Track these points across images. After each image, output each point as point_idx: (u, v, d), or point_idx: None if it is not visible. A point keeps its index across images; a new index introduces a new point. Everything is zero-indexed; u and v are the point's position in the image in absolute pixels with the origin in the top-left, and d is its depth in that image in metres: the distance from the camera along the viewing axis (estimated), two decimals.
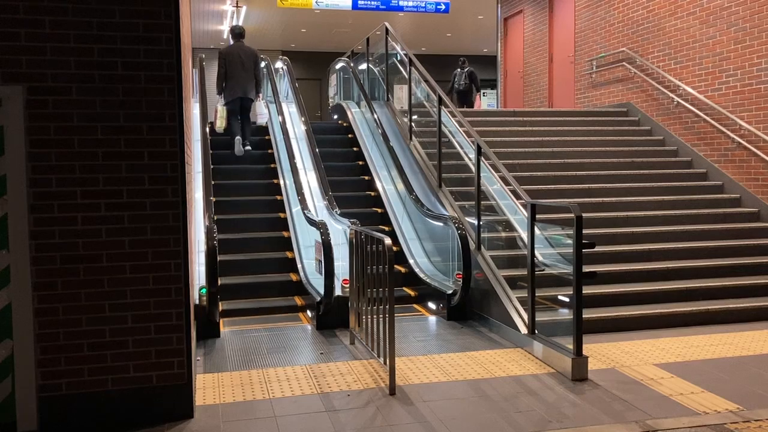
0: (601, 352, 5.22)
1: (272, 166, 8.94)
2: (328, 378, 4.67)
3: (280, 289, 6.96)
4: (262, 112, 9.34)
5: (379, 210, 8.22)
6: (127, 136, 3.82)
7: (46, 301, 3.72)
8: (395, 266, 6.70)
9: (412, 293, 7.00)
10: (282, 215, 8.01)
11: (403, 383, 4.55)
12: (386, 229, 7.86)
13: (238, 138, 8.87)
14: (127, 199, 3.82)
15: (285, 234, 7.69)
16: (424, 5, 15.12)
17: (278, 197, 8.30)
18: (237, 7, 16.23)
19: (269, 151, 9.26)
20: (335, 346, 5.47)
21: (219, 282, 5.80)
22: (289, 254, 7.40)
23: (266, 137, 9.59)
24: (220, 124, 8.94)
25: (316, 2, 14.47)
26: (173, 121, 3.90)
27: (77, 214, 3.75)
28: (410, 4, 15.03)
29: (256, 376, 4.72)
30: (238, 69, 8.94)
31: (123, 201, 3.81)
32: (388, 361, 4.42)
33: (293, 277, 7.06)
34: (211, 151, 8.07)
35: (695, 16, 8.63)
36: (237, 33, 9.31)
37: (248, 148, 8.97)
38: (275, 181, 8.62)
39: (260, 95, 9.26)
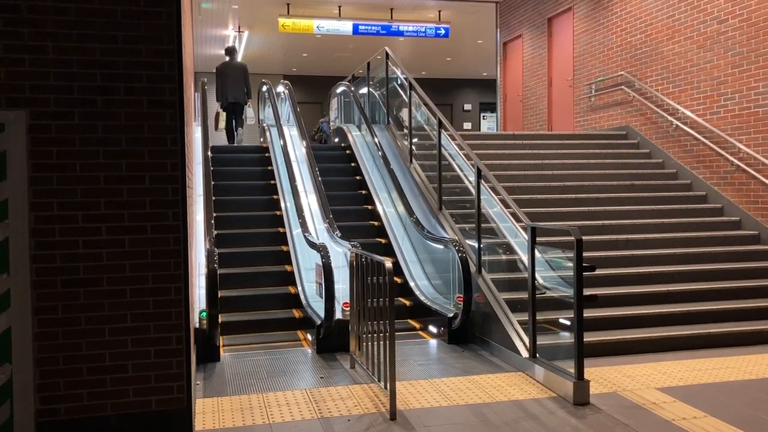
0: (602, 375, 5.19)
1: (275, 197, 8.80)
2: (328, 402, 4.64)
3: (281, 300, 6.99)
4: (249, 115, 12.09)
5: (377, 225, 8.26)
6: (128, 160, 3.84)
7: (46, 325, 3.71)
8: (395, 292, 6.66)
9: (413, 318, 6.98)
10: (284, 248, 7.89)
11: (404, 408, 4.52)
12: (383, 241, 7.86)
13: (233, 135, 11.74)
14: (128, 223, 3.84)
15: (288, 268, 7.58)
16: (424, 30, 15.26)
17: (281, 229, 8.19)
18: (239, 32, 16.40)
19: (272, 182, 9.16)
20: (335, 370, 5.44)
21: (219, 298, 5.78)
22: (288, 267, 7.40)
23: (269, 168, 9.52)
24: (222, 126, 11.49)
25: (317, 27, 14.61)
26: (175, 145, 3.92)
27: (78, 238, 3.76)
28: (410, 29, 15.17)
29: (256, 400, 4.69)
30: (230, 80, 11.49)
31: (124, 225, 3.83)
32: (388, 385, 4.40)
33: (291, 289, 7.05)
34: (213, 182, 8.01)
35: (692, 40, 8.72)
36: (228, 51, 12.00)
37: (240, 138, 11.82)
38: (278, 213, 8.49)
39: (249, 101, 11.77)
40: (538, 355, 5.23)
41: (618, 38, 10.31)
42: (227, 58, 11.85)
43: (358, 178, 9.27)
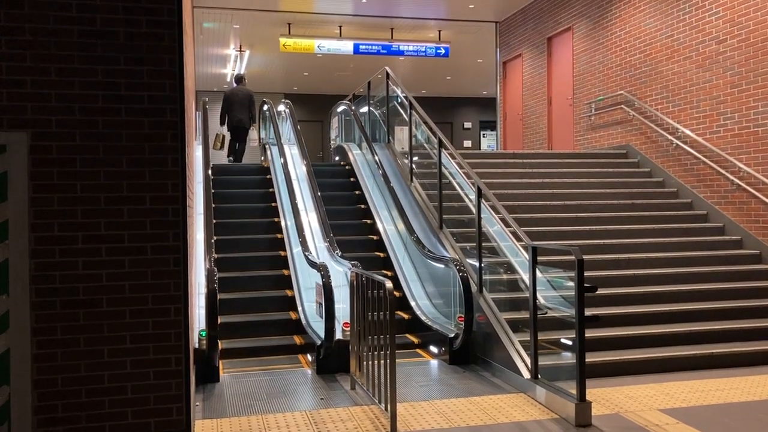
0: (604, 396, 5.15)
1: (273, 204, 8.96)
2: (328, 424, 4.60)
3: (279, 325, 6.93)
4: (253, 137, 12.87)
5: (381, 254, 8.22)
6: (129, 180, 3.84)
7: (45, 347, 3.69)
8: (396, 311, 6.63)
9: (415, 338, 6.94)
10: (284, 258, 7.97)
11: (405, 430, 4.48)
12: (389, 274, 7.82)
13: (232, 156, 12.51)
14: (128, 244, 3.83)
15: (285, 272, 7.64)
16: (424, 50, 15.35)
17: (279, 235, 8.30)
18: (240, 51, 16.50)
19: (270, 189, 9.31)
20: (335, 392, 5.41)
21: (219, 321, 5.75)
22: (289, 292, 7.38)
23: (267, 176, 9.66)
24: (219, 147, 12.21)
25: (318, 47, 14.70)
26: (176, 165, 3.93)
27: (78, 259, 3.75)
28: (410, 48, 15.26)
29: (256, 422, 4.65)
30: (237, 105, 12.17)
31: (124, 245, 3.82)
32: (389, 407, 4.37)
33: (291, 300, 7.01)
34: (213, 190, 8.12)
35: (691, 60, 8.76)
36: (237, 79, 12.84)
37: (241, 162, 12.43)
38: (276, 219, 8.61)
39: (253, 125, 12.50)
40: (539, 376, 5.19)
41: (617, 58, 10.37)
42: (235, 84, 12.69)
43: (361, 205, 9.24)
